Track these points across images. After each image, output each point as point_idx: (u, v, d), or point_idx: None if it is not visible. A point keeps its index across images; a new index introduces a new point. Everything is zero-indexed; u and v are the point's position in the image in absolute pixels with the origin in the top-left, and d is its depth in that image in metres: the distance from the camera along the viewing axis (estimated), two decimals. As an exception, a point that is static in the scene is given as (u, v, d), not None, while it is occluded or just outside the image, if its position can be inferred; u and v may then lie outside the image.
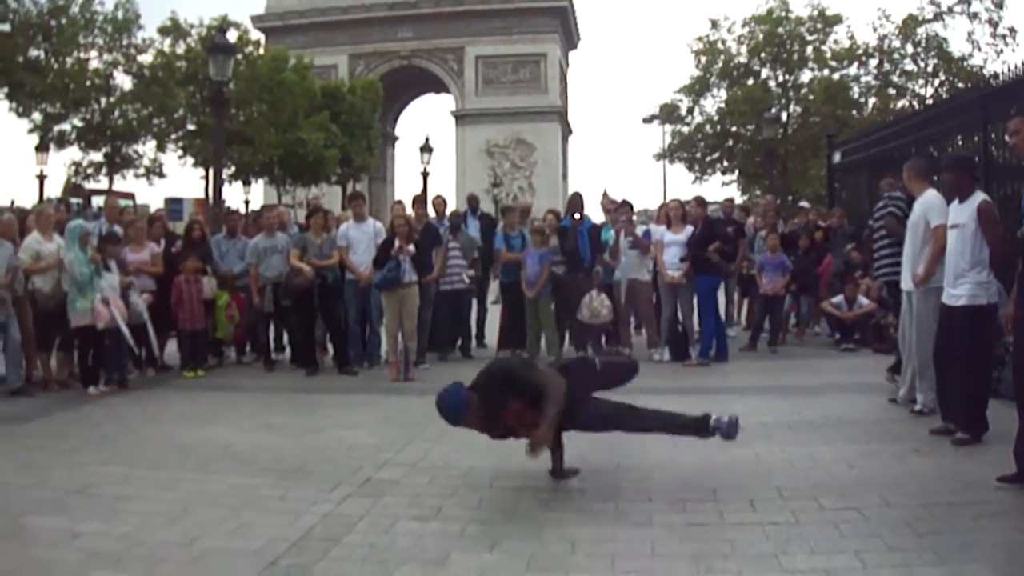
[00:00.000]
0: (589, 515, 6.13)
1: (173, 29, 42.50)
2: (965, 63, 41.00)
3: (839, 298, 14.84)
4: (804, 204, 30.69)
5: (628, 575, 5.10)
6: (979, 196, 7.94)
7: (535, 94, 72.10)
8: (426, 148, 48.28)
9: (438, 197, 15.99)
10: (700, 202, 14.54)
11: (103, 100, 39.52)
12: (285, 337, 14.43)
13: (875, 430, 8.73)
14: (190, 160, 43.14)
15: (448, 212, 15.42)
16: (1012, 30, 40.26)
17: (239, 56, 36.48)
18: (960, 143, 14.12)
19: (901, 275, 9.36)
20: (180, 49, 42.32)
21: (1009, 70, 12.58)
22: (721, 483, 6.81)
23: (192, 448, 8.41)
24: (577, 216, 14.48)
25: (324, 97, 49.14)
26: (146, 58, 41.07)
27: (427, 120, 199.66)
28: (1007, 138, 6.60)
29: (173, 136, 42.48)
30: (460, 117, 73.38)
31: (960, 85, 36.21)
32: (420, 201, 15.45)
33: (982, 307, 7.81)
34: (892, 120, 22.24)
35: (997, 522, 5.75)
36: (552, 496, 6.60)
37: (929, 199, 8.94)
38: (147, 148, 42.13)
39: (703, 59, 47.14)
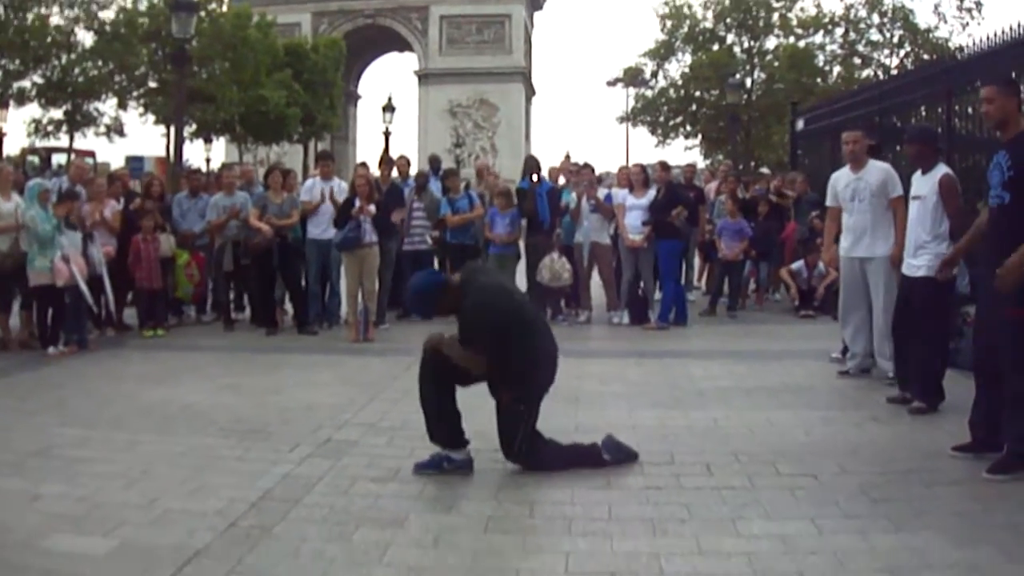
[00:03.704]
0: (547, 477, 6.14)
1: (136, -15, 41.69)
2: (931, 35, 41.37)
3: (799, 264, 14.88)
4: (764, 170, 30.76)
5: (585, 537, 5.12)
6: (942, 169, 8.00)
7: (499, 55, 71.40)
8: (388, 107, 48.14)
9: (402, 157, 15.85)
10: (664, 166, 14.49)
11: (64, 57, 38.81)
12: (245, 297, 14.33)
13: (833, 397, 8.84)
14: (151, 118, 42.34)
15: (413, 172, 15.28)
16: (978, 3, 40.77)
17: (202, 13, 35.87)
18: (924, 115, 14.17)
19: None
20: (142, 6, 41.38)
21: (974, 43, 12.61)
22: (678, 447, 6.85)
23: (152, 409, 8.37)
24: (535, 178, 14.40)
25: (287, 55, 48.46)
26: (108, 14, 40.36)
27: (390, 79, 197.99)
28: (981, 105, 6.60)
29: (134, 93, 41.75)
30: (423, 77, 72.55)
31: (925, 57, 36.44)
32: (387, 161, 15.18)
33: (941, 278, 7.88)
34: (857, 89, 22.29)
35: (951, 490, 5.82)
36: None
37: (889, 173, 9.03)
38: (108, 106, 41.58)
39: (668, 23, 47.21)
